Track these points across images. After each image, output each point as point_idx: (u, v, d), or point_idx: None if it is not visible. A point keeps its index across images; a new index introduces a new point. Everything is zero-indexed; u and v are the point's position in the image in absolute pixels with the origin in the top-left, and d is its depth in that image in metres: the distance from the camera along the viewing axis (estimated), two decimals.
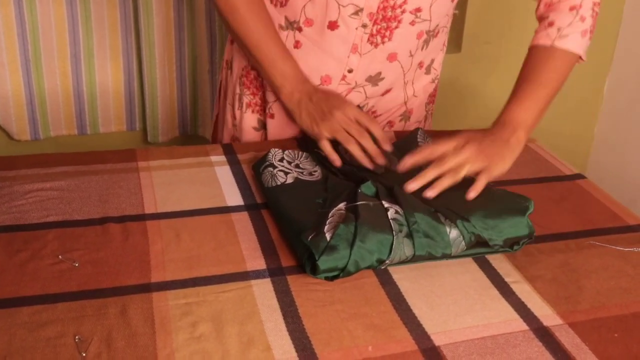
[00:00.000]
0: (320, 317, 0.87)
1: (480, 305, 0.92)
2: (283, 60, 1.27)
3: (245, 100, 1.42)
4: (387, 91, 1.38)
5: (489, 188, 1.09)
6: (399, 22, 1.25)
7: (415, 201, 1.02)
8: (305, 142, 1.28)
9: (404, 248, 0.95)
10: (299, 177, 1.13)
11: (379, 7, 1.22)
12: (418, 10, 1.24)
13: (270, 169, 1.14)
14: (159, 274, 0.93)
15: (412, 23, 1.26)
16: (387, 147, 1.17)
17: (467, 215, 0.99)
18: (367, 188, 1.03)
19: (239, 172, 1.21)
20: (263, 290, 0.91)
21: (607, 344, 0.86)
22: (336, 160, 1.17)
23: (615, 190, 1.71)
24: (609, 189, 1.34)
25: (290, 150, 1.20)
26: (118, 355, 0.79)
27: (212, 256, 0.98)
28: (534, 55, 1.27)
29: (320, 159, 1.20)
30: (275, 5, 1.30)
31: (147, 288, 0.90)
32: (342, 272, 0.93)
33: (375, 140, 1.18)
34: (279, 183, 1.11)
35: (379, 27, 1.25)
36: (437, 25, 1.31)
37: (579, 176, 1.30)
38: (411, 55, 1.32)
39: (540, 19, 1.30)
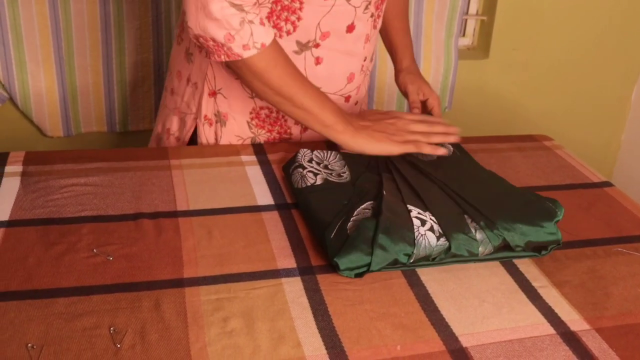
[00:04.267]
0: (350, 315, 0.88)
1: (508, 309, 0.92)
2: (326, 100, 1.23)
3: (262, 138, 1.37)
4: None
5: (519, 190, 1.12)
6: None
7: (444, 204, 1.03)
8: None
9: (428, 240, 0.97)
10: (328, 178, 1.14)
11: None
12: None
13: (300, 169, 1.16)
14: (191, 270, 0.95)
15: None
16: (454, 139, 1.25)
17: (494, 218, 1.00)
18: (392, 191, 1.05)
19: (269, 172, 1.23)
20: (293, 288, 0.93)
21: (634, 350, 0.86)
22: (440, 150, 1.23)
23: None
24: (634, 197, 1.34)
25: (319, 151, 1.21)
26: (152, 347, 0.81)
27: (243, 254, 0.99)
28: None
29: (348, 160, 1.21)
30: (281, 37, 1.24)
31: (180, 283, 0.92)
32: (368, 269, 0.94)
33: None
34: (308, 184, 1.12)
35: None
36: None
37: (607, 184, 1.30)
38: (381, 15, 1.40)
39: None
